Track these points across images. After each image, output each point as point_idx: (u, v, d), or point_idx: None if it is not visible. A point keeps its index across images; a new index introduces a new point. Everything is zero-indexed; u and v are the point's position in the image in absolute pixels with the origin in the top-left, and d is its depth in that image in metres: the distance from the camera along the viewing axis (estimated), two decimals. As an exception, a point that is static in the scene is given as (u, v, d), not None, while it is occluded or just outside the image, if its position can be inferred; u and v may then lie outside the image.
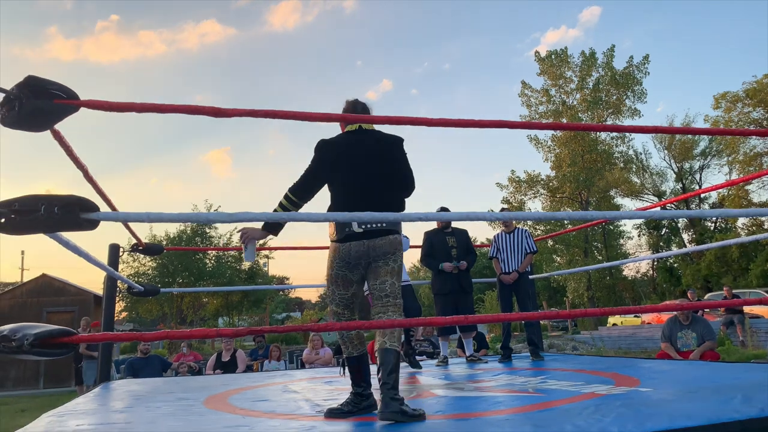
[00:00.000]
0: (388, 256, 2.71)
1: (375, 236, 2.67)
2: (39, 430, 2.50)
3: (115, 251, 5.08)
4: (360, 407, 2.67)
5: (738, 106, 26.37)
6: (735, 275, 27.36)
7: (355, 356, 2.76)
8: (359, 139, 2.80)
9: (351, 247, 2.69)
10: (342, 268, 2.74)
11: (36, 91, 1.67)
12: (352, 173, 2.74)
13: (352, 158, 2.76)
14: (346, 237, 2.69)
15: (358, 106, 2.94)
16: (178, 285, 23.03)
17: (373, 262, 2.71)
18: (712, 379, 3.23)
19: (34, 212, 1.65)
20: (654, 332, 15.42)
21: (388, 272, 2.70)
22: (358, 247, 2.68)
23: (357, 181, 2.74)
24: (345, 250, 2.70)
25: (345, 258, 2.71)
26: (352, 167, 2.75)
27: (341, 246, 2.71)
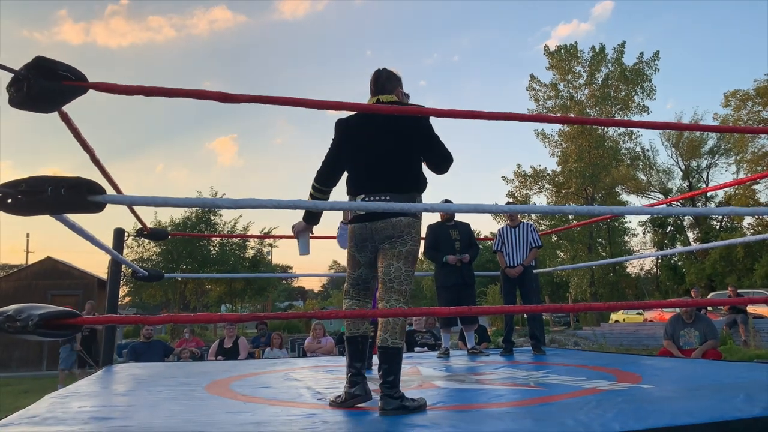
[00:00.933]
0: (395, 239, 2.59)
1: (376, 219, 2.59)
2: (42, 412, 2.51)
3: (120, 235, 5.09)
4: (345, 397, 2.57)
5: (748, 105, 26.19)
6: (739, 275, 27.26)
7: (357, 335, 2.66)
8: (366, 118, 2.68)
9: (355, 229, 2.67)
10: (353, 249, 2.71)
11: (45, 72, 1.67)
12: (358, 152, 2.67)
13: (360, 136, 2.68)
14: (354, 218, 2.68)
15: (381, 75, 2.79)
16: (182, 271, 23.13)
17: (380, 245, 2.63)
18: (714, 377, 3.22)
19: (41, 193, 1.65)
20: (656, 330, 15.41)
21: (394, 255, 2.59)
22: (362, 229, 2.64)
23: (362, 159, 2.66)
24: (352, 232, 2.69)
25: (354, 239, 2.69)
26: (359, 146, 2.67)
27: (351, 227, 2.70)
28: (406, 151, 2.65)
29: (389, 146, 2.63)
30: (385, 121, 2.63)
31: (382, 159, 2.62)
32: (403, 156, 2.64)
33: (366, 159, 2.64)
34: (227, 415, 2.41)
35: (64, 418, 2.37)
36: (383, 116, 2.63)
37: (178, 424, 2.23)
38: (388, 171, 2.61)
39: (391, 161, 2.62)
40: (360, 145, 2.67)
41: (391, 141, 2.63)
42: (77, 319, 1.71)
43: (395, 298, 2.56)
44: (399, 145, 2.64)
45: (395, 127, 2.63)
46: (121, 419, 2.35)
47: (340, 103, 2.16)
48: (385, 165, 2.61)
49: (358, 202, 2.21)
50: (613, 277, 31.37)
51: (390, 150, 2.63)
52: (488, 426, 2.06)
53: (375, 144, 2.64)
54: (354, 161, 2.69)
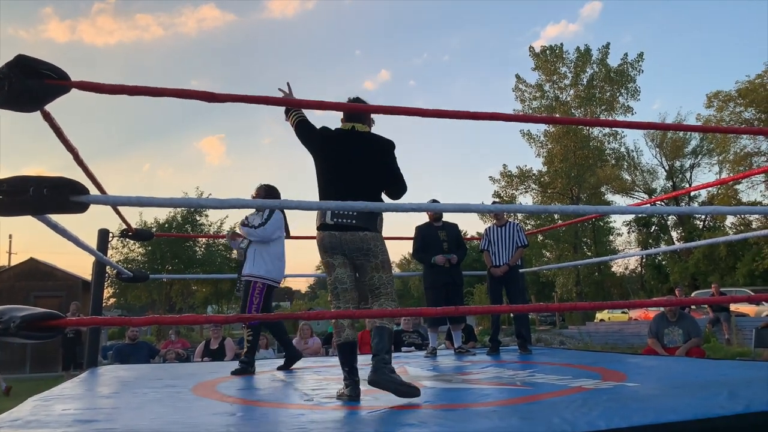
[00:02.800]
0: (369, 253, 2.86)
1: (345, 230, 2.84)
2: (24, 415, 2.48)
3: (105, 236, 5.04)
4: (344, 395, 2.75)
5: (730, 106, 26.46)
6: (722, 273, 27.59)
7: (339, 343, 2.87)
8: (351, 137, 2.96)
9: (324, 237, 2.88)
10: (324, 255, 2.93)
11: (26, 71, 1.65)
12: (336, 168, 2.92)
13: (340, 154, 2.92)
14: (321, 226, 2.89)
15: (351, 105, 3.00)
16: (167, 272, 22.97)
17: (356, 259, 2.89)
18: (697, 375, 3.25)
19: (23, 193, 1.63)
20: (641, 328, 15.55)
21: (372, 268, 2.87)
22: (331, 238, 2.86)
23: (339, 175, 2.90)
24: (320, 239, 2.91)
25: (325, 246, 2.90)
26: (337, 163, 2.92)
27: (318, 234, 2.92)
28: (376, 178, 2.96)
29: (364, 172, 2.91)
30: (363, 148, 2.94)
31: (356, 182, 2.88)
32: (374, 183, 2.95)
33: (342, 178, 2.89)
34: (213, 417, 2.40)
35: (48, 421, 2.34)
36: (362, 141, 2.96)
37: (163, 426, 2.21)
38: (360, 194, 2.81)
39: (363, 185, 2.89)
40: (339, 163, 2.92)
41: (366, 168, 2.92)
42: (60, 320, 1.69)
43: (385, 301, 2.85)
44: (372, 172, 2.94)
45: (370, 156, 2.94)
46: (105, 422, 2.32)
47: (328, 103, 2.16)
48: (359, 188, 2.86)
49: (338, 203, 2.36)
50: (599, 276, 31.63)
51: (364, 175, 2.91)
52: (475, 424, 2.06)
53: (352, 167, 2.90)
54: (330, 176, 2.94)
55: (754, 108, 25.68)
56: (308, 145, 3.02)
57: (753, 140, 25.82)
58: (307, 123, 3.04)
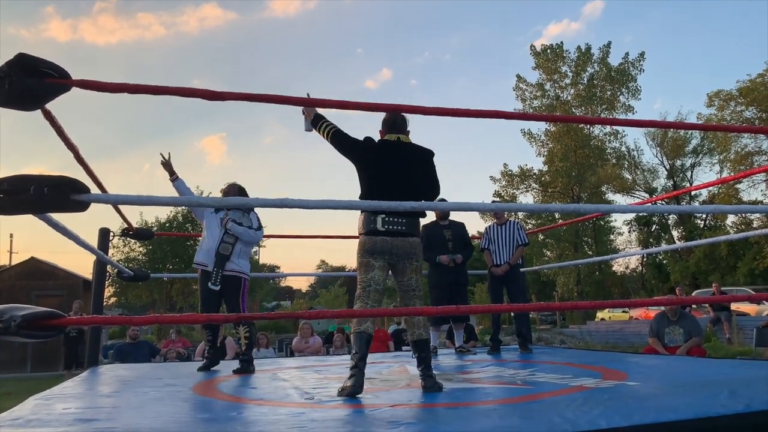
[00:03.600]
0: (411, 257, 3.09)
1: (396, 236, 3.03)
2: (25, 414, 2.48)
3: (105, 235, 5.04)
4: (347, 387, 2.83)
5: (731, 105, 26.44)
6: (723, 273, 27.57)
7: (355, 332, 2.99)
8: (397, 148, 3.14)
9: (376, 242, 3.03)
10: (365, 256, 3.06)
11: (27, 69, 1.65)
12: (383, 177, 3.06)
13: (388, 164, 3.08)
14: (371, 231, 3.03)
15: (398, 117, 3.22)
16: (168, 271, 22.97)
17: (399, 262, 3.08)
18: (698, 374, 3.25)
19: (24, 193, 1.63)
20: (641, 327, 15.55)
21: (413, 270, 3.11)
22: (383, 243, 3.03)
23: (386, 184, 3.03)
24: (371, 243, 3.04)
25: (370, 249, 3.04)
26: (385, 172, 3.07)
27: (367, 238, 3.04)
28: (419, 186, 3.14)
29: (408, 181, 3.10)
30: (408, 158, 3.14)
31: (408, 187, 3.06)
32: (417, 191, 3.11)
33: (388, 187, 3.02)
34: (213, 416, 2.40)
35: (49, 420, 2.34)
36: (407, 154, 3.14)
37: (163, 425, 2.21)
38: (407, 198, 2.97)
39: (408, 194, 3.02)
40: (385, 173, 3.07)
41: (410, 177, 3.11)
42: (61, 319, 1.69)
43: (417, 303, 3.12)
44: (415, 181, 3.13)
45: (415, 166, 3.15)
46: (106, 421, 2.32)
47: (330, 102, 2.16)
48: (404, 196, 2.96)
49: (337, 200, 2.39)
50: (599, 275, 31.63)
51: (408, 184, 3.09)
52: (475, 423, 2.06)
53: (398, 176, 3.07)
54: (377, 184, 3.07)
55: (755, 107, 25.65)
56: (350, 154, 3.14)
57: (754, 139, 25.80)
58: (344, 133, 3.14)
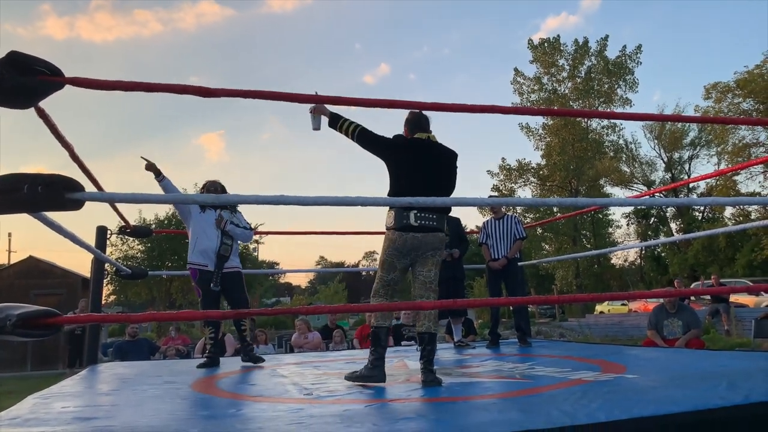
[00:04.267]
0: (437, 250, 3.16)
1: (427, 231, 3.08)
2: (24, 413, 2.48)
3: (103, 233, 5.03)
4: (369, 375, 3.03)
5: (728, 97, 26.42)
6: (721, 265, 27.62)
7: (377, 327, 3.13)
8: (429, 147, 3.21)
9: (407, 239, 3.07)
10: (391, 256, 3.12)
11: (19, 67, 1.64)
12: (416, 174, 3.11)
13: (420, 162, 3.14)
14: (403, 227, 3.05)
15: (423, 117, 3.30)
16: (167, 269, 22.93)
17: (423, 254, 3.13)
18: (697, 366, 3.26)
19: (17, 191, 1.62)
20: (640, 320, 15.57)
21: (434, 263, 3.17)
22: (414, 240, 3.07)
23: (418, 181, 3.07)
24: (401, 241, 3.07)
25: (399, 248, 3.09)
26: (417, 169, 3.12)
27: (398, 235, 3.07)
28: (447, 185, 3.24)
29: (442, 176, 3.21)
30: (439, 157, 3.22)
31: (437, 185, 3.14)
32: (446, 188, 3.22)
33: (425, 182, 3.08)
34: (212, 413, 2.40)
35: (47, 418, 2.33)
36: (437, 152, 3.22)
37: (162, 422, 2.21)
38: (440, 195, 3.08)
39: (442, 188, 3.17)
40: (418, 170, 3.12)
41: (440, 175, 3.20)
42: (57, 318, 1.69)
43: (432, 295, 3.14)
44: (448, 177, 3.25)
45: (447, 163, 3.25)
46: (104, 419, 2.32)
47: (326, 98, 2.15)
48: (438, 191, 3.11)
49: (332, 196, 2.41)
50: (598, 268, 31.64)
51: (442, 179, 3.21)
52: (474, 417, 2.06)
53: (430, 174, 3.14)
54: (410, 181, 3.09)
55: (753, 99, 25.64)
56: (382, 152, 3.20)
57: (751, 131, 25.80)
58: (371, 132, 3.19)
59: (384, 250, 3.15)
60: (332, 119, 3.22)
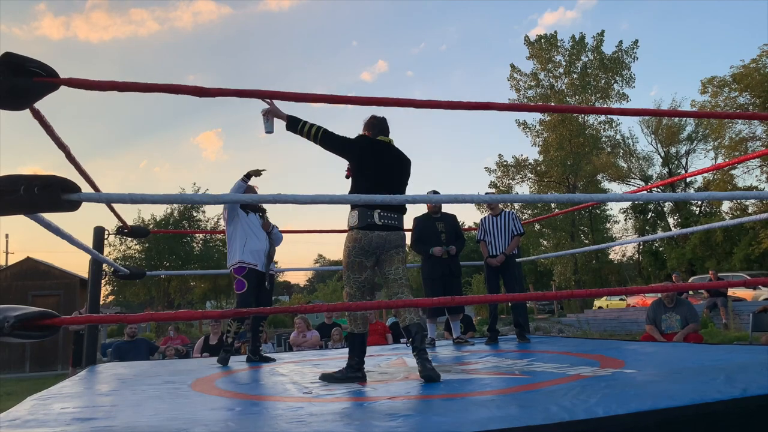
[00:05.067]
0: (401, 248, 3.25)
1: (390, 229, 3.18)
2: (23, 414, 2.48)
3: (100, 234, 5.03)
4: (353, 376, 3.09)
5: (725, 91, 26.45)
6: (719, 259, 27.69)
7: (359, 333, 3.20)
8: (389, 149, 3.33)
9: (372, 238, 3.14)
10: (359, 255, 3.17)
11: (14, 69, 1.63)
12: (380, 174, 3.21)
13: (383, 163, 3.25)
14: (368, 226, 3.13)
15: (385, 121, 3.43)
16: (165, 268, 22.93)
17: (388, 253, 3.21)
18: (695, 360, 3.26)
19: (14, 192, 1.62)
20: (639, 315, 15.62)
21: (399, 260, 3.24)
22: (379, 238, 3.15)
23: (382, 182, 3.17)
24: (367, 239, 3.14)
25: (365, 247, 3.15)
26: (381, 170, 3.22)
27: (363, 233, 3.14)
28: (405, 186, 3.39)
29: (401, 177, 3.35)
30: (399, 157, 3.36)
31: (398, 187, 3.29)
32: (403, 190, 3.37)
33: (390, 182, 3.22)
34: (212, 412, 2.40)
35: (46, 420, 2.33)
36: (396, 154, 3.35)
37: (161, 422, 2.21)
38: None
39: (401, 189, 3.33)
40: (383, 171, 3.23)
41: (402, 173, 3.35)
42: (55, 319, 1.68)
43: (406, 291, 3.22)
44: (404, 177, 3.38)
45: (406, 167, 3.39)
46: (104, 419, 2.32)
47: (318, 96, 2.14)
48: (398, 191, 3.28)
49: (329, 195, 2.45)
50: (596, 264, 31.71)
51: (401, 179, 3.35)
52: (473, 413, 2.06)
53: (393, 175, 3.28)
54: (378, 180, 3.18)
55: (749, 93, 25.65)
56: (347, 153, 3.24)
57: (748, 125, 25.83)
58: (334, 133, 3.21)
59: (349, 252, 3.19)
60: (291, 122, 3.17)
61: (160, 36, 69.42)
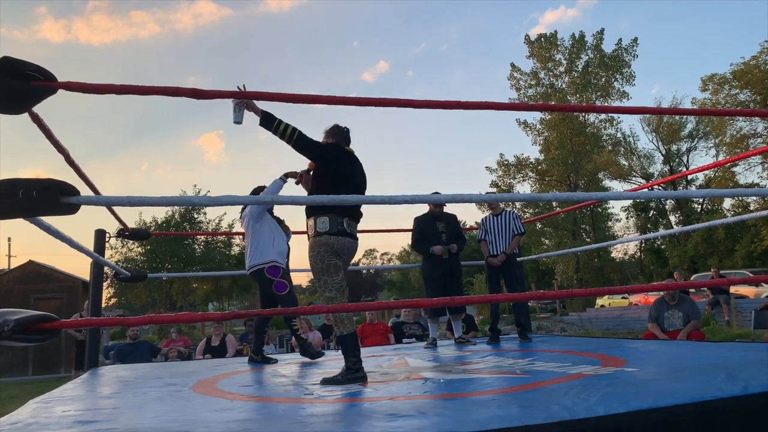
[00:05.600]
0: (352, 257, 3.43)
1: (354, 238, 3.35)
2: (25, 417, 2.48)
3: (101, 237, 5.04)
4: (354, 377, 3.11)
5: (725, 89, 26.41)
6: (721, 256, 27.65)
7: (348, 333, 3.21)
8: (354, 159, 3.47)
9: (345, 243, 3.26)
10: (333, 258, 3.24)
11: (12, 73, 1.64)
12: (349, 182, 3.30)
13: (349, 171, 3.37)
14: (339, 232, 3.23)
15: (349, 133, 3.55)
16: (166, 271, 22.95)
17: (348, 258, 3.37)
18: (696, 358, 3.26)
19: (12, 196, 1.62)
20: (641, 313, 15.60)
21: (347, 268, 3.43)
22: (349, 245, 3.30)
23: (350, 190, 3.27)
24: (339, 244, 3.23)
25: (338, 250, 3.24)
26: (347, 178, 3.33)
27: (336, 238, 3.22)
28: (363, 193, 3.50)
29: (364, 187, 3.48)
30: (362, 168, 3.50)
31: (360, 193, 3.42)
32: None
33: (356, 190, 3.33)
34: (213, 414, 2.40)
35: (48, 423, 2.34)
36: (360, 163, 3.49)
37: (163, 424, 2.21)
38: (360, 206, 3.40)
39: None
40: (351, 179, 3.34)
41: (365, 184, 3.49)
42: (55, 322, 1.69)
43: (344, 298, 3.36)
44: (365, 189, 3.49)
45: (364, 175, 3.51)
46: (105, 422, 2.32)
47: (317, 97, 2.15)
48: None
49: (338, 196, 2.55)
50: (598, 262, 31.67)
51: (364, 190, 3.48)
52: (474, 413, 2.06)
53: (358, 182, 3.40)
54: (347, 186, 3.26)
55: (750, 90, 25.62)
56: (320, 158, 3.33)
57: (749, 122, 25.80)
58: (309, 137, 3.25)
59: (322, 256, 3.22)
60: (266, 118, 3.13)
61: (161, 38, 69.42)
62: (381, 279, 53.76)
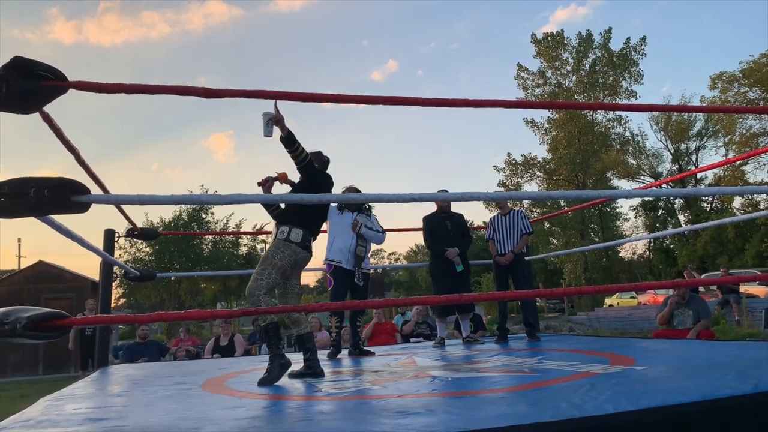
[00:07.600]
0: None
1: (310, 252, 3.69)
2: (36, 415, 2.50)
3: (111, 236, 5.07)
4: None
5: (734, 86, 26.23)
6: (731, 255, 27.45)
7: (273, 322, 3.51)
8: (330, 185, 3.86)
9: (306, 257, 3.65)
10: (289, 265, 3.54)
11: (23, 72, 1.65)
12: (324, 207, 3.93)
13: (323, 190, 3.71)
14: (305, 246, 3.59)
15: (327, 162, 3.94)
16: (175, 270, 23.04)
17: (300, 270, 3.75)
18: (706, 357, 3.24)
19: (24, 195, 1.64)
20: (650, 313, 15.51)
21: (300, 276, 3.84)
22: (305, 259, 3.66)
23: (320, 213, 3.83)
24: (302, 256, 3.60)
25: (299, 262, 3.61)
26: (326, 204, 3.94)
27: (300, 251, 3.56)
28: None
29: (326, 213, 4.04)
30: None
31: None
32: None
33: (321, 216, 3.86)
34: (222, 411, 2.41)
35: (59, 420, 2.36)
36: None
37: (173, 421, 2.22)
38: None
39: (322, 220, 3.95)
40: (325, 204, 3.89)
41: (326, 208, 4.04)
42: (66, 320, 1.70)
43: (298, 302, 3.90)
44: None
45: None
46: (115, 419, 2.34)
47: (326, 96, 2.15)
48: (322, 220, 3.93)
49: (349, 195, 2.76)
50: (607, 262, 31.53)
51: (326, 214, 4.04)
52: (483, 411, 2.06)
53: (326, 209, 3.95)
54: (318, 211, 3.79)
55: (759, 88, 25.44)
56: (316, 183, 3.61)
57: (759, 120, 25.61)
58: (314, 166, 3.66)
59: (281, 257, 3.49)
60: (289, 138, 3.42)
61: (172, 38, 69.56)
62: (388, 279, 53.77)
